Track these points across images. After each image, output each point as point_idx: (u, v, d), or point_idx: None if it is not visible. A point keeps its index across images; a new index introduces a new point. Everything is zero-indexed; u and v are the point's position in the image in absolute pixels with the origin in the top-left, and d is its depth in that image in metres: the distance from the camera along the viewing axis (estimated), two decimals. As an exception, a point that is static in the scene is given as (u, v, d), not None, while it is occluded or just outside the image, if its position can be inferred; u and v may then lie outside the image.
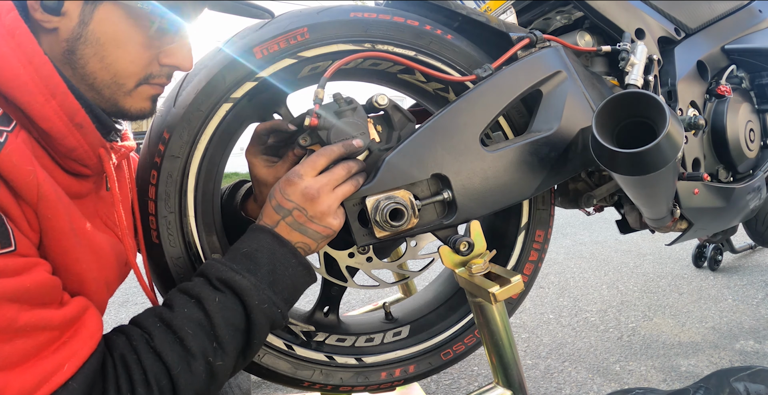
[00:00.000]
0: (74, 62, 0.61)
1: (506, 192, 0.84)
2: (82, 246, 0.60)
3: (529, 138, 0.86)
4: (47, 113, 0.55)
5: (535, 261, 1.00)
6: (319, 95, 0.73)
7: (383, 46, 0.84)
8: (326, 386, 0.87)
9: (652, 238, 2.68)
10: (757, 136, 1.28)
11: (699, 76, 1.16)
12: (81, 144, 0.60)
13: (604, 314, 1.79)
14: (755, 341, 1.51)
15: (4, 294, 0.48)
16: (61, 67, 0.61)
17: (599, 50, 1.00)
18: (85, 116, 0.59)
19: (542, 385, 1.35)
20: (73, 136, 0.59)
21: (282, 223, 0.71)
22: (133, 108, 0.67)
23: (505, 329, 0.81)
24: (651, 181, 0.80)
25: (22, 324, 0.49)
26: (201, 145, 0.77)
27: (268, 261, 0.68)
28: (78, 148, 0.60)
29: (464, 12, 0.92)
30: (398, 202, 0.75)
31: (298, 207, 0.70)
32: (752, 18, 1.31)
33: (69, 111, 0.57)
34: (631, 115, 0.78)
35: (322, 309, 0.97)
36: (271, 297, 0.66)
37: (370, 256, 0.90)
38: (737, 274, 2.08)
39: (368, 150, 0.81)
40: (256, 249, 0.69)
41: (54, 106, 0.56)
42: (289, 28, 0.79)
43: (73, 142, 0.59)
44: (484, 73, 0.84)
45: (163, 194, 0.76)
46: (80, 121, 0.59)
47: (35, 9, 0.57)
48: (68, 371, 0.52)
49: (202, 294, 0.63)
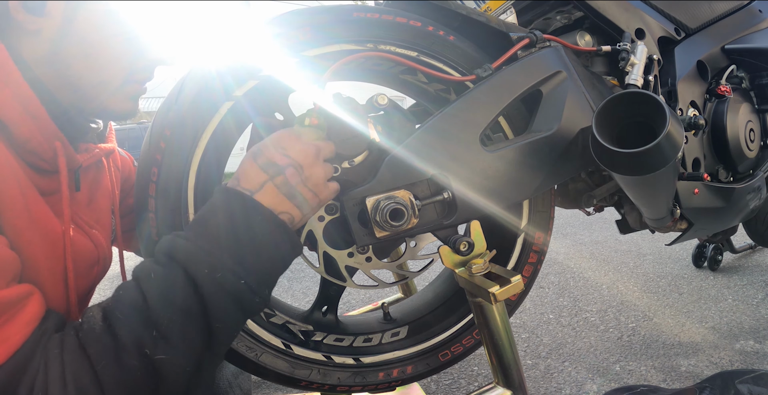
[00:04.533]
0: (58, 63, 0.60)
1: (506, 192, 0.84)
2: (37, 230, 0.57)
3: (529, 138, 0.85)
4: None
5: (535, 263, 1.00)
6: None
7: (386, 46, 0.84)
8: (324, 386, 0.87)
9: (652, 238, 2.68)
10: (757, 136, 1.28)
11: (699, 76, 1.16)
12: (34, 135, 0.58)
13: (604, 314, 1.78)
14: (755, 341, 1.51)
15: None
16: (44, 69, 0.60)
17: (599, 50, 1.00)
18: (40, 107, 0.58)
19: (542, 385, 1.35)
20: (26, 125, 0.57)
21: (269, 186, 0.59)
22: (118, 107, 0.67)
23: (505, 329, 0.81)
24: (651, 181, 0.80)
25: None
26: (202, 144, 0.77)
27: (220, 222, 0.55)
28: (32, 140, 0.58)
29: (464, 12, 0.92)
30: (398, 202, 0.75)
31: (295, 165, 0.61)
32: (752, 18, 1.31)
33: (22, 100, 0.56)
34: (631, 115, 0.78)
35: (320, 309, 0.97)
36: (228, 263, 0.53)
37: (370, 256, 0.90)
38: (737, 274, 2.08)
39: (368, 150, 0.80)
40: (209, 211, 0.57)
41: (7, 94, 0.55)
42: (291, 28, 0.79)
43: (26, 132, 0.57)
44: (484, 73, 0.84)
45: (163, 191, 0.76)
46: (34, 110, 0.57)
47: (17, 10, 0.56)
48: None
49: (141, 272, 0.53)
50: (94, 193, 0.76)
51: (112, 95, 0.65)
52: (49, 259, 0.59)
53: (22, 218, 0.55)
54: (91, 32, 0.60)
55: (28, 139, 0.58)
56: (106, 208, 0.77)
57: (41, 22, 0.58)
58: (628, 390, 0.98)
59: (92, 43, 0.60)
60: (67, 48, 0.59)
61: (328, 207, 0.82)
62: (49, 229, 0.60)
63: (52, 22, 0.58)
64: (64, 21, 0.58)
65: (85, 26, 0.59)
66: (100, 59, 0.61)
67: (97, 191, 0.76)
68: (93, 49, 0.61)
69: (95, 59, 0.61)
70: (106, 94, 0.64)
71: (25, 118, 0.57)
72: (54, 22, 0.58)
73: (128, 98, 0.67)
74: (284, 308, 0.93)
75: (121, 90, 0.65)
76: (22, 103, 0.56)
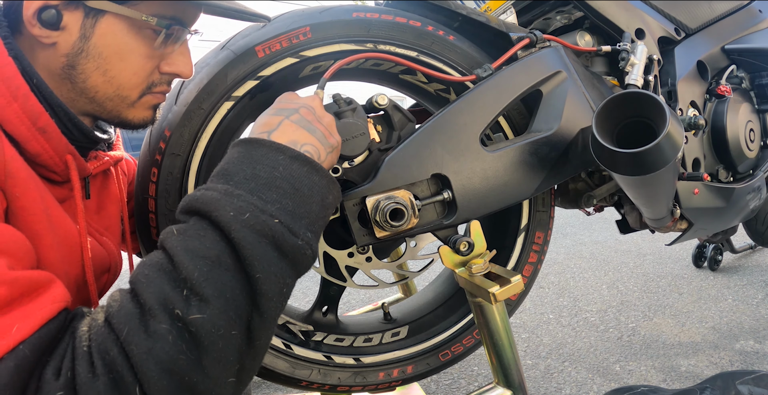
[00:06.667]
0: (74, 77, 0.59)
1: (506, 192, 0.84)
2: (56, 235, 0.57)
3: (529, 138, 0.85)
4: (8, 116, 0.53)
5: (535, 263, 1.00)
6: (319, 96, 0.73)
7: (386, 46, 0.84)
8: (324, 386, 0.87)
9: (652, 238, 2.68)
10: (757, 136, 1.28)
11: (699, 76, 1.16)
12: (45, 149, 0.57)
13: (604, 314, 1.78)
14: (755, 341, 1.51)
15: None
16: (59, 82, 0.60)
17: (599, 50, 1.00)
18: (49, 120, 0.57)
19: (542, 385, 1.35)
20: (36, 140, 0.56)
21: (286, 122, 0.57)
22: (136, 118, 0.66)
23: (505, 329, 0.81)
24: (651, 181, 0.80)
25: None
26: (202, 144, 0.77)
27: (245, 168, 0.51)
28: (42, 154, 0.57)
29: (464, 12, 0.92)
30: (398, 202, 0.75)
31: (307, 106, 0.61)
32: (752, 18, 1.31)
33: (31, 114, 0.55)
34: (631, 115, 0.78)
35: (320, 309, 0.97)
36: (256, 202, 0.48)
37: (370, 256, 0.90)
38: (737, 274, 2.08)
39: (368, 150, 0.80)
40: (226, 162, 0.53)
41: (15, 109, 0.54)
42: (292, 28, 0.79)
43: (37, 146, 0.56)
44: (484, 73, 0.84)
45: (164, 192, 0.76)
46: (43, 125, 0.56)
47: (33, 24, 0.56)
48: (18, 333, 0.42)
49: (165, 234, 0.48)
50: (103, 199, 0.76)
51: (130, 106, 0.65)
52: (66, 264, 0.59)
53: (42, 222, 0.55)
54: (108, 47, 0.59)
55: (38, 153, 0.57)
56: (115, 214, 0.77)
57: (57, 36, 0.57)
58: (628, 390, 0.98)
59: (109, 58, 0.60)
60: (83, 62, 0.59)
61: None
62: (68, 235, 0.60)
63: (69, 37, 0.57)
64: (81, 36, 0.58)
65: (102, 42, 0.59)
66: (117, 74, 0.61)
67: (105, 198, 0.76)
68: (110, 65, 0.60)
69: (113, 74, 0.60)
70: (124, 105, 0.64)
71: (35, 132, 0.56)
72: (70, 37, 0.57)
73: (147, 108, 0.67)
74: (284, 308, 0.93)
75: (140, 101, 0.65)
76: (30, 118, 0.55)
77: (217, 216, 0.46)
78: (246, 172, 0.50)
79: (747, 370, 0.94)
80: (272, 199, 0.49)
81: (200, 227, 0.46)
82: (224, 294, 0.44)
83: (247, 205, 0.47)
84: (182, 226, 0.48)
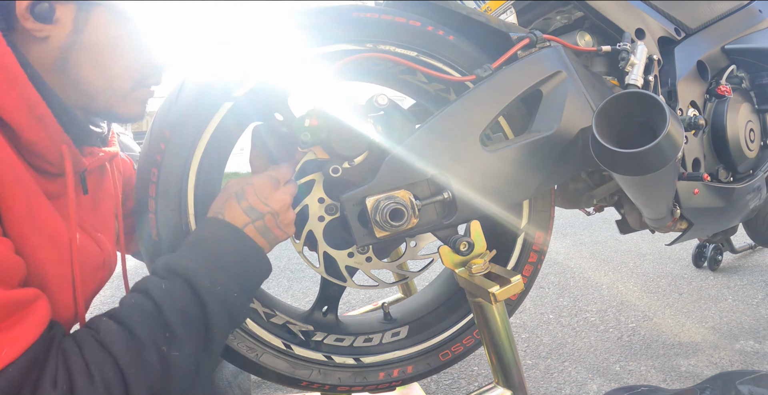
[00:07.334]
0: (67, 70, 0.60)
1: (506, 192, 0.84)
2: (43, 233, 0.57)
3: (529, 138, 0.85)
4: (6, 103, 0.54)
5: (535, 263, 0.99)
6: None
7: (385, 46, 0.84)
8: (324, 386, 0.87)
9: (652, 238, 2.68)
10: (757, 136, 1.28)
11: (699, 76, 1.16)
12: (41, 137, 0.58)
13: (604, 314, 1.78)
14: (755, 341, 1.51)
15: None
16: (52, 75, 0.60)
17: (599, 50, 1.00)
18: (46, 109, 0.58)
19: (542, 385, 1.35)
20: (32, 128, 0.57)
21: (250, 227, 0.69)
22: (127, 112, 0.67)
23: (505, 329, 0.81)
24: (651, 181, 0.80)
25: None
26: (202, 144, 0.77)
27: (216, 247, 0.65)
28: (38, 142, 0.58)
29: (464, 12, 0.92)
30: (398, 202, 0.75)
31: (273, 213, 0.70)
32: (752, 18, 1.31)
33: (29, 102, 0.56)
34: (631, 115, 0.78)
35: (320, 309, 0.97)
36: (224, 279, 0.62)
37: (370, 256, 0.90)
38: (737, 274, 2.08)
39: (368, 150, 0.80)
40: (203, 236, 0.66)
41: (14, 96, 0.54)
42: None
43: (33, 134, 0.57)
44: (484, 73, 0.84)
45: (164, 192, 0.76)
46: (40, 113, 0.57)
47: (26, 18, 0.56)
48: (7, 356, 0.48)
49: (148, 285, 0.60)
50: (98, 197, 0.76)
51: (121, 99, 0.65)
52: (55, 263, 0.60)
53: (26, 223, 0.55)
54: (100, 40, 0.60)
55: (34, 142, 0.58)
56: (110, 212, 0.77)
57: (50, 29, 0.58)
58: (628, 390, 0.98)
59: (102, 51, 0.60)
60: (76, 55, 0.59)
61: (328, 207, 0.82)
62: (56, 233, 0.60)
63: (61, 31, 0.58)
64: (74, 29, 0.58)
65: (94, 35, 0.59)
66: (109, 66, 0.62)
67: (101, 195, 0.76)
68: (102, 57, 0.61)
69: (105, 66, 0.61)
70: (115, 99, 0.65)
71: (31, 120, 0.56)
72: (63, 31, 0.58)
73: (137, 102, 0.68)
74: (284, 308, 0.93)
75: (131, 94, 0.65)
76: (28, 106, 0.56)
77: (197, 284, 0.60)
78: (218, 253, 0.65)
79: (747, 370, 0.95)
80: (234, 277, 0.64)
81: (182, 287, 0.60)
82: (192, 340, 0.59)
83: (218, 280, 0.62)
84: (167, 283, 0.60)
